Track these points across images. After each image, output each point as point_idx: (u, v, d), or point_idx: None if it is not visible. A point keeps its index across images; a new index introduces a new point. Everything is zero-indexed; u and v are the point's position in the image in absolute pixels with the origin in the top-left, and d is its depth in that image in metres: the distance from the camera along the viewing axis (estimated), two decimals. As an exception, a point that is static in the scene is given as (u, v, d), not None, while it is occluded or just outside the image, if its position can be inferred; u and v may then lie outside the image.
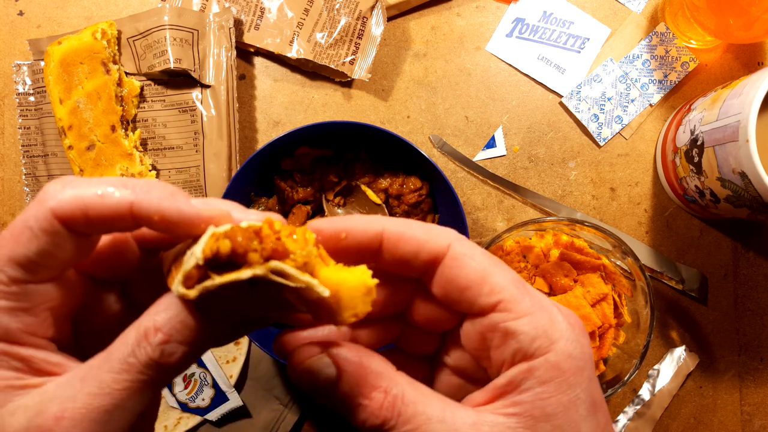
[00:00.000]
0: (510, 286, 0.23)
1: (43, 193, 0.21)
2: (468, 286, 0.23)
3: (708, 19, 0.51)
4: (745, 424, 0.56)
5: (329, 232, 0.24)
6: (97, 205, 0.21)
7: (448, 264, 0.24)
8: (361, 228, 0.24)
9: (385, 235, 0.24)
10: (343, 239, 0.24)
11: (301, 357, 0.23)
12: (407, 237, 0.24)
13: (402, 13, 0.58)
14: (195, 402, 0.54)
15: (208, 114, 0.54)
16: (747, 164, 0.41)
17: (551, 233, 0.52)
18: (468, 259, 0.24)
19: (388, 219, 0.25)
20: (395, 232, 0.24)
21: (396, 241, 0.24)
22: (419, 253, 0.24)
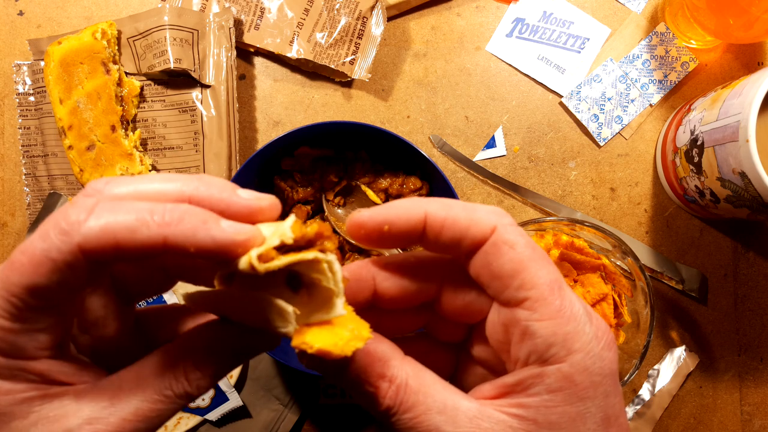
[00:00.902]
0: (542, 286, 0.23)
1: (65, 220, 0.20)
2: (500, 275, 0.23)
3: (708, 19, 0.51)
4: (745, 424, 0.56)
5: (372, 226, 0.24)
6: (129, 241, 0.20)
7: (486, 249, 0.23)
8: (404, 218, 0.24)
9: (428, 221, 0.24)
10: (385, 231, 0.24)
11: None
12: (450, 222, 0.23)
13: (402, 13, 0.58)
14: (195, 402, 0.54)
15: (208, 114, 0.54)
16: (747, 164, 0.41)
17: (551, 233, 0.52)
18: (507, 248, 0.23)
19: (431, 202, 0.24)
20: (437, 217, 0.23)
21: (439, 227, 0.24)
22: (462, 240, 0.23)
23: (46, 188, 0.56)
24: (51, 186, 0.56)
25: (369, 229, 0.24)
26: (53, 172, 0.56)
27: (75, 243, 0.20)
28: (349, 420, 0.56)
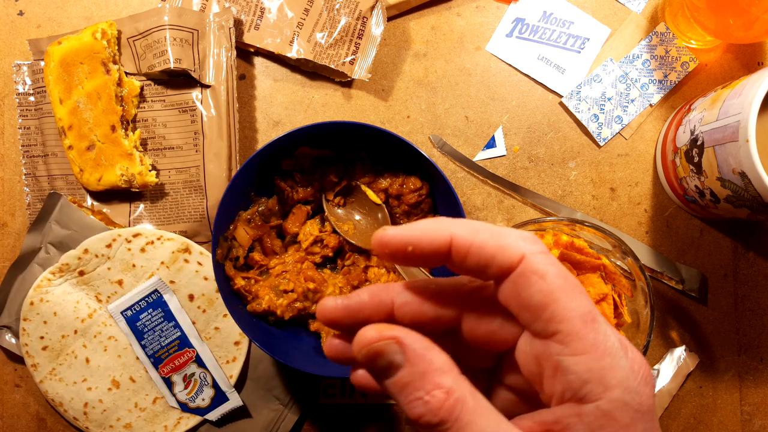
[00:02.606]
0: (574, 318, 0.22)
1: None
2: (529, 307, 0.22)
3: (708, 19, 0.51)
4: (745, 424, 0.56)
5: (396, 245, 0.24)
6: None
7: (514, 279, 0.22)
8: (427, 240, 0.23)
9: (453, 244, 0.23)
10: (410, 252, 0.24)
11: (368, 336, 0.23)
12: (476, 248, 0.23)
13: (402, 13, 0.58)
14: (195, 402, 0.54)
15: (208, 114, 0.54)
16: (747, 164, 0.41)
17: (551, 233, 0.52)
18: (536, 278, 0.22)
19: (456, 224, 0.23)
20: (464, 242, 0.23)
21: (465, 252, 0.23)
22: (489, 266, 0.23)
23: (46, 188, 0.56)
24: (51, 186, 0.56)
25: (393, 249, 0.24)
26: (53, 172, 0.56)
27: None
28: (349, 420, 0.56)
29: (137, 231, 0.54)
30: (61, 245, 0.54)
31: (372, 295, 0.25)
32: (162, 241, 0.53)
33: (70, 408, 0.54)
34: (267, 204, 0.51)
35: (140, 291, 0.53)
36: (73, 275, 0.53)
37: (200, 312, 0.54)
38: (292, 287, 0.50)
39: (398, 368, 0.22)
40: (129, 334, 0.53)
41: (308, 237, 0.52)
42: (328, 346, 0.27)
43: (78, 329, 0.54)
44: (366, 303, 0.25)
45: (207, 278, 0.54)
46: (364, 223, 0.53)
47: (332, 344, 0.27)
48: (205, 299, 0.54)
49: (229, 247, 0.50)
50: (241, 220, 0.50)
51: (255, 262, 0.52)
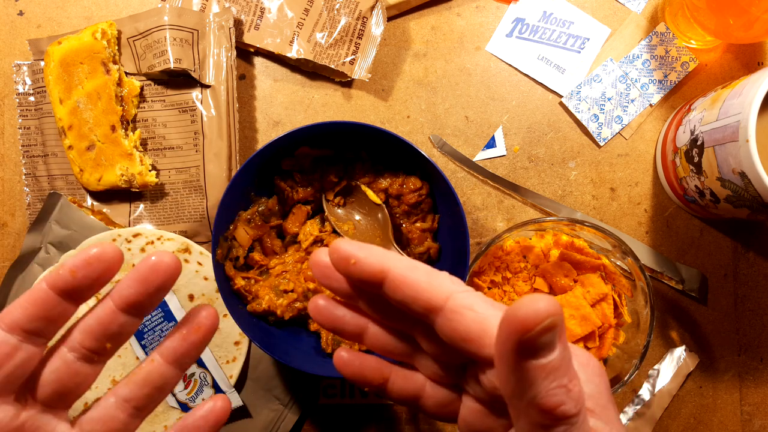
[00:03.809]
0: None
1: None
2: (469, 338, 0.24)
3: (708, 19, 0.51)
4: (745, 424, 0.56)
5: (343, 253, 0.26)
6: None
7: (448, 316, 0.24)
8: (368, 262, 0.25)
9: (389, 275, 0.25)
10: (352, 264, 0.25)
11: (547, 306, 0.20)
12: (410, 282, 0.25)
13: (402, 13, 0.58)
14: (195, 402, 0.54)
15: (208, 114, 0.54)
16: (747, 164, 0.41)
17: (551, 233, 0.52)
18: (467, 310, 0.24)
19: (397, 259, 0.25)
20: (398, 275, 0.25)
21: (397, 285, 0.25)
22: (416, 301, 0.25)
23: (46, 188, 0.56)
24: (51, 186, 0.56)
25: (340, 256, 0.26)
26: (53, 172, 0.56)
27: None
28: (349, 420, 0.56)
29: (137, 231, 0.54)
30: (61, 245, 0.54)
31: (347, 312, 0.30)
32: (162, 241, 0.53)
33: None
34: (267, 204, 0.51)
35: (140, 291, 0.53)
36: (73, 275, 0.53)
37: (200, 312, 0.54)
38: (292, 287, 0.50)
39: (553, 350, 0.20)
40: (129, 334, 0.53)
41: (308, 237, 0.52)
42: (339, 359, 0.30)
43: (78, 329, 0.54)
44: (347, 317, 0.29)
45: (207, 278, 0.54)
46: (365, 223, 0.53)
47: (341, 357, 0.30)
48: (205, 299, 0.54)
49: (229, 247, 0.50)
50: (241, 220, 0.50)
51: (255, 262, 0.52)
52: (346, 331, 0.29)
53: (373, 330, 0.29)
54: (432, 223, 0.52)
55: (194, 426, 0.30)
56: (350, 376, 0.30)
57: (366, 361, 0.30)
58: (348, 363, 0.30)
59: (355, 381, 0.30)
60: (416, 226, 0.52)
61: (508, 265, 0.52)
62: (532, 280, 0.52)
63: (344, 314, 0.29)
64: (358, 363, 0.30)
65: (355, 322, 0.29)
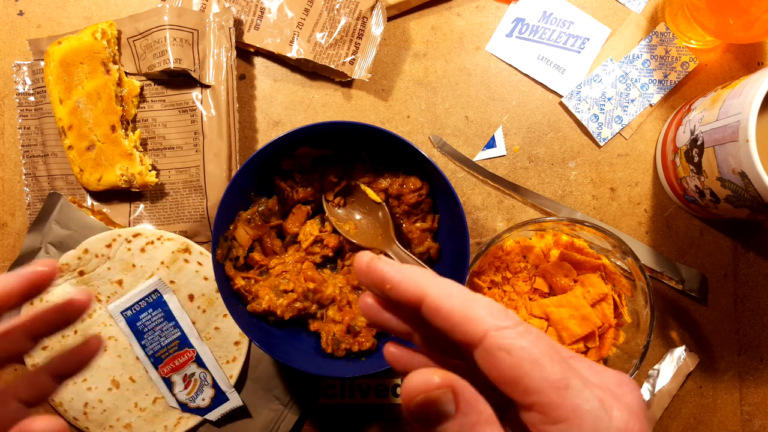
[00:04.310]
0: (547, 388, 0.22)
1: None
2: (503, 381, 0.22)
3: (708, 19, 0.51)
4: (745, 424, 0.56)
5: (377, 278, 0.25)
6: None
7: (483, 355, 0.23)
8: (404, 288, 0.24)
9: (425, 302, 0.24)
10: (388, 290, 0.24)
11: (419, 384, 0.22)
12: (444, 311, 0.23)
13: (402, 13, 0.58)
14: (195, 402, 0.54)
15: (208, 114, 0.54)
16: (747, 164, 0.41)
17: (551, 233, 0.52)
18: (503, 354, 0.22)
19: (434, 282, 0.24)
20: (434, 303, 0.23)
21: (433, 313, 0.24)
22: (453, 334, 0.23)
23: (46, 188, 0.56)
24: (51, 186, 0.56)
25: (373, 279, 0.25)
26: (53, 172, 0.56)
27: None
28: (349, 420, 0.56)
29: (137, 231, 0.54)
30: (61, 245, 0.54)
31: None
32: (162, 241, 0.53)
33: (70, 408, 0.54)
34: (267, 204, 0.51)
35: (140, 291, 0.53)
36: (73, 275, 0.53)
37: (200, 312, 0.54)
38: (292, 287, 0.50)
39: (448, 418, 0.22)
40: (129, 334, 0.53)
41: (308, 237, 0.52)
42: (389, 354, 0.28)
43: (78, 329, 0.54)
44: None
45: (207, 278, 0.54)
46: (365, 222, 0.53)
47: (391, 352, 0.28)
48: (205, 299, 0.54)
49: (229, 247, 0.50)
50: (241, 220, 0.50)
51: (255, 262, 0.51)
52: (395, 332, 0.28)
53: (419, 340, 0.28)
54: (432, 223, 0.52)
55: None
56: (403, 370, 0.28)
57: (416, 357, 0.28)
58: (398, 359, 0.28)
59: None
60: (416, 226, 0.52)
61: (508, 265, 0.52)
62: (532, 280, 0.52)
63: (390, 318, 0.28)
64: (409, 358, 0.28)
65: (402, 327, 0.28)
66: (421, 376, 0.21)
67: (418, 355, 0.29)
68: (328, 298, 0.51)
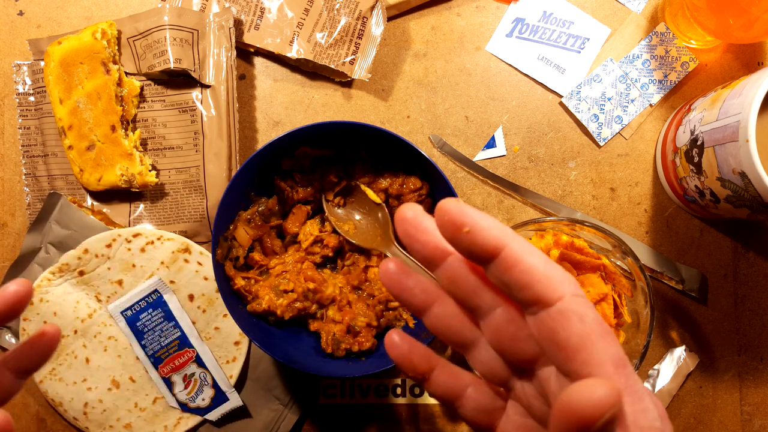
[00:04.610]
0: (608, 363, 0.22)
1: None
2: (566, 347, 0.22)
3: (708, 19, 0.51)
4: (745, 424, 0.56)
5: (457, 218, 0.23)
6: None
7: (554, 315, 0.23)
8: (486, 232, 0.23)
9: (506, 251, 0.23)
10: (464, 233, 0.23)
11: (610, 398, 0.20)
12: (525, 266, 0.23)
13: (402, 13, 0.58)
14: (195, 402, 0.54)
15: (208, 114, 0.54)
16: (747, 164, 0.41)
17: (551, 233, 0.52)
18: (576, 320, 0.22)
19: (516, 238, 0.23)
20: (516, 255, 0.23)
21: (511, 265, 0.23)
22: (527, 289, 0.23)
23: (46, 188, 0.56)
24: (51, 186, 0.56)
25: (452, 218, 0.23)
26: (53, 172, 0.56)
27: None
28: (349, 420, 0.56)
29: (137, 231, 0.54)
30: (61, 245, 0.54)
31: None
32: (162, 241, 0.53)
33: (70, 408, 0.54)
34: (267, 204, 0.51)
35: (140, 291, 0.53)
36: (73, 275, 0.53)
37: (200, 312, 0.54)
38: (292, 287, 0.50)
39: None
40: (129, 334, 0.53)
41: (308, 237, 0.52)
42: (390, 340, 0.29)
43: (78, 329, 0.54)
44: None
45: (207, 278, 0.54)
46: (365, 222, 0.53)
47: (393, 339, 0.29)
48: (205, 299, 0.54)
49: (229, 247, 0.50)
50: (241, 220, 0.50)
51: (255, 262, 0.52)
52: (413, 304, 0.28)
53: (439, 309, 0.28)
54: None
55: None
56: (398, 358, 0.28)
57: (416, 346, 0.29)
58: (398, 345, 0.28)
59: (402, 365, 0.29)
60: (416, 226, 0.52)
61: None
62: (532, 280, 0.52)
63: (415, 285, 0.27)
64: (408, 347, 0.28)
65: (424, 295, 0.27)
66: (604, 387, 0.19)
67: (419, 345, 0.29)
68: (328, 298, 0.51)
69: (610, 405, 0.18)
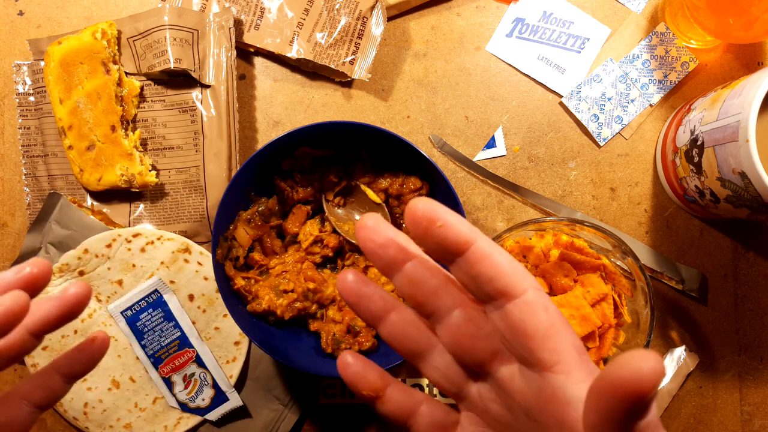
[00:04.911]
0: (573, 350, 0.24)
1: None
2: (533, 336, 0.23)
3: (708, 19, 0.51)
4: (745, 424, 0.56)
5: (429, 213, 0.24)
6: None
7: (520, 306, 0.24)
8: (457, 229, 0.24)
9: (475, 247, 0.24)
10: (437, 227, 0.24)
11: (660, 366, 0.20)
12: (493, 260, 0.24)
13: (402, 13, 0.58)
14: (195, 402, 0.54)
15: (208, 114, 0.54)
16: (747, 164, 0.41)
17: (551, 233, 0.52)
18: (542, 311, 0.24)
19: (482, 234, 0.25)
20: (485, 251, 0.24)
21: (479, 259, 0.24)
22: (494, 280, 0.24)
23: (46, 188, 0.56)
24: (51, 186, 0.56)
25: (423, 215, 0.24)
26: (53, 172, 0.56)
27: None
28: (349, 420, 0.56)
29: (137, 231, 0.54)
30: (61, 245, 0.54)
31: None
32: (162, 241, 0.53)
33: (70, 408, 0.54)
34: (267, 204, 0.51)
35: (140, 291, 0.53)
36: (73, 275, 0.53)
37: (200, 312, 0.54)
38: (292, 287, 0.50)
39: (652, 408, 0.21)
40: (129, 334, 0.53)
41: (308, 237, 0.52)
42: (342, 359, 0.29)
43: (78, 329, 0.54)
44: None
45: (207, 278, 0.54)
46: (364, 223, 0.53)
47: (345, 358, 0.30)
48: (205, 299, 0.54)
49: (229, 247, 0.50)
50: (241, 220, 0.50)
51: (255, 262, 0.52)
52: (371, 311, 0.28)
53: (396, 316, 0.29)
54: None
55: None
56: (353, 376, 0.29)
57: (370, 365, 0.30)
58: (352, 364, 0.29)
59: (355, 384, 0.30)
60: (416, 226, 0.52)
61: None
62: (532, 280, 0.52)
63: (374, 293, 0.28)
64: (362, 365, 0.29)
65: (382, 302, 0.28)
66: (652, 359, 0.19)
67: (373, 364, 0.30)
68: (328, 298, 0.51)
69: (661, 375, 0.18)
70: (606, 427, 0.19)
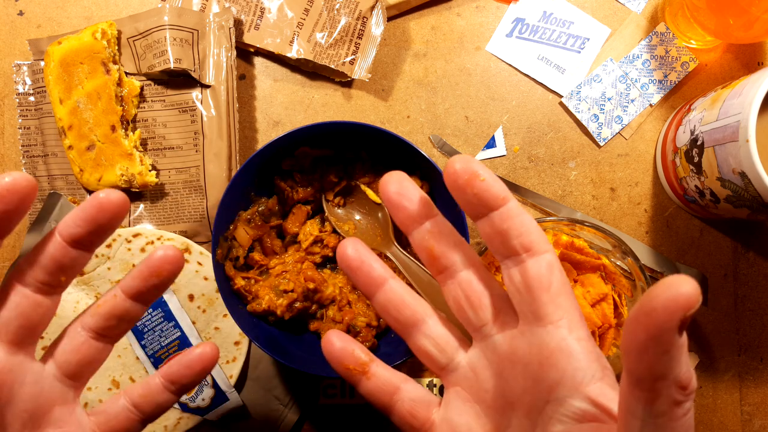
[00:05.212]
0: (576, 311, 0.26)
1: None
2: (546, 289, 0.26)
3: (708, 19, 0.51)
4: (745, 424, 0.56)
5: (473, 167, 0.26)
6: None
7: (540, 262, 0.26)
8: (497, 185, 0.26)
9: (509, 204, 0.26)
10: (480, 181, 0.26)
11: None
12: (524, 219, 0.26)
13: (402, 13, 0.58)
14: (195, 402, 0.54)
15: (208, 114, 0.54)
16: (747, 164, 0.41)
17: (551, 233, 0.52)
18: (557, 272, 0.26)
19: (513, 197, 0.27)
20: (517, 208, 0.27)
21: (514, 215, 0.26)
22: (520, 236, 0.26)
23: (46, 188, 0.56)
24: (51, 186, 0.56)
25: (470, 168, 0.26)
26: (53, 172, 0.56)
27: None
28: (349, 420, 0.56)
29: (137, 231, 0.54)
30: (61, 245, 0.54)
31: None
32: (162, 241, 0.53)
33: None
34: (267, 204, 0.51)
35: (140, 291, 0.53)
36: (73, 275, 0.53)
37: (200, 312, 0.54)
38: (292, 287, 0.50)
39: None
40: (129, 334, 0.53)
41: (308, 237, 0.52)
42: (327, 338, 0.31)
43: (78, 329, 0.54)
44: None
45: (207, 278, 0.54)
46: (365, 223, 0.53)
47: (330, 336, 0.31)
48: (205, 299, 0.54)
49: (229, 247, 0.50)
50: (241, 220, 0.50)
51: (255, 262, 0.51)
52: (372, 277, 0.30)
53: (395, 284, 0.30)
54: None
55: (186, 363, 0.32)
56: (338, 353, 0.31)
57: (354, 342, 0.31)
58: (337, 340, 0.31)
59: (342, 360, 0.31)
60: (416, 226, 0.52)
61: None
62: (532, 280, 0.52)
63: (373, 262, 0.30)
64: (348, 341, 0.31)
65: (381, 271, 0.30)
66: (694, 282, 0.21)
67: (358, 344, 0.32)
68: (328, 298, 0.51)
69: (700, 292, 0.20)
70: (653, 342, 0.20)
